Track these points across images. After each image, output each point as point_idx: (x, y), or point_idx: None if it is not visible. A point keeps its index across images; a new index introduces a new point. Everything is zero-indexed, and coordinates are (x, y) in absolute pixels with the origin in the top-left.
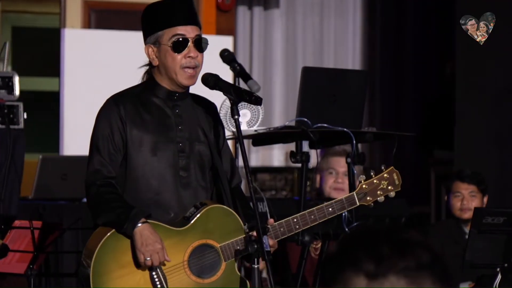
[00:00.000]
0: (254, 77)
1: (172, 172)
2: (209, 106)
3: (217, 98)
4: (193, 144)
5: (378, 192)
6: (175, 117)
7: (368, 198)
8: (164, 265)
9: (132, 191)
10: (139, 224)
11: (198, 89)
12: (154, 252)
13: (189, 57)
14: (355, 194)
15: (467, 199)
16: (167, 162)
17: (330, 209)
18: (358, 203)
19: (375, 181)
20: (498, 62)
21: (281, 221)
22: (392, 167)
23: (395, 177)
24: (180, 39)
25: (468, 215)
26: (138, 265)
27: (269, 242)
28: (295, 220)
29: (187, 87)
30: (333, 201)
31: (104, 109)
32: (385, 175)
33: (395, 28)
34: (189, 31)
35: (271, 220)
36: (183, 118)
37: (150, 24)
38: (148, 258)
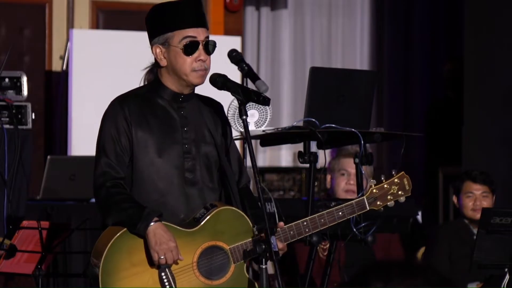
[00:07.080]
0: (262, 77)
1: (178, 174)
2: (216, 106)
3: (225, 98)
4: (199, 145)
5: (389, 197)
6: (180, 118)
7: (378, 202)
8: (177, 263)
9: (139, 193)
10: (152, 223)
11: (206, 89)
12: (168, 250)
13: (199, 60)
14: (365, 199)
15: (479, 200)
16: (172, 163)
17: (340, 213)
18: (368, 208)
19: (385, 186)
20: (506, 62)
21: (291, 224)
22: (403, 172)
23: (406, 182)
24: (191, 42)
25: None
26: (147, 265)
27: (279, 245)
28: (305, 223)
29: (193, 88)
30: (343, 205)
31: (110, 111)
32: (396, 180)
33: (403, 28)
34: (199, 34)
35: (281, 224)
36: (189, 120)
37: (158, 24)
38: (162, 257)
